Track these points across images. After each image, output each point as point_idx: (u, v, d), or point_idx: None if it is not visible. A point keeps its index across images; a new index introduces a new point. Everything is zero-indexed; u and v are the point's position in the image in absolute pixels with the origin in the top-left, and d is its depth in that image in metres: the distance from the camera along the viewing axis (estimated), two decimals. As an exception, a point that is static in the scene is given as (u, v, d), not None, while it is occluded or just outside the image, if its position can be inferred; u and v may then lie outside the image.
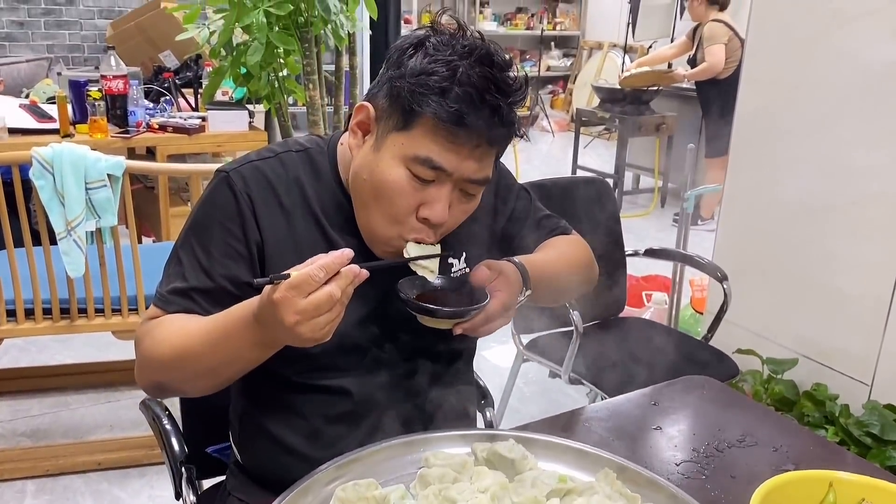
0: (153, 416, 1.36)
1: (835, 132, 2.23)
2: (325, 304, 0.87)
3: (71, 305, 2.14)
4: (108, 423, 2.56)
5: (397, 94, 0.99)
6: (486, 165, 1.02)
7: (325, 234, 1.10)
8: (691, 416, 1.20)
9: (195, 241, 1.08)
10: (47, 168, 1.96)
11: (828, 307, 2.28)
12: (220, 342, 0.98)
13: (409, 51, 1.01)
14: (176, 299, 1.06)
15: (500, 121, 0.98)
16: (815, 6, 2.23)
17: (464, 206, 1.06)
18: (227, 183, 1.08)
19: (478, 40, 1.00)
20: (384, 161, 1.01)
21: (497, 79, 0.97)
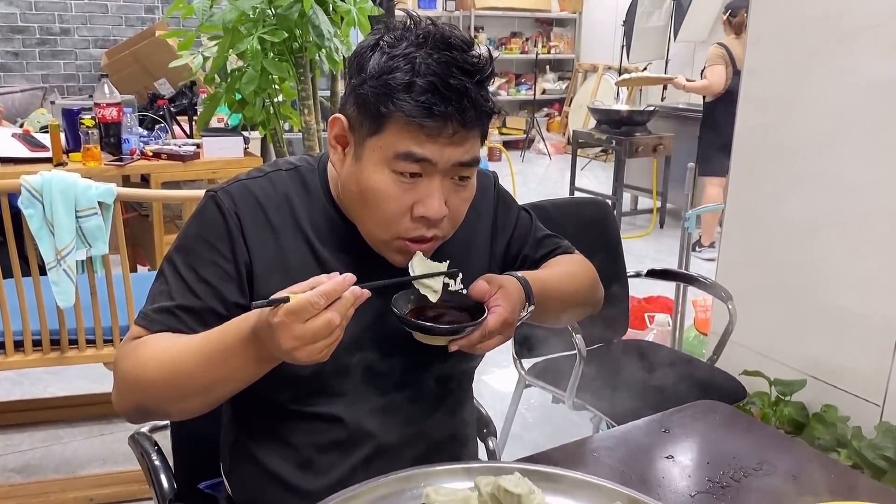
0: (142, 451, 1.31)
1: (836, 148, 2.20)
2: (323, 331, 0.85)
3: (62, 337, 2.09)
4: (101, 457, 2.50)
5: (364, 100, 0.97)
6: (470, 147, 0.99)
7: (315, 253, 1.07)
8: (704, 443, 1.15)
9: (182, 261, 1.05)
10: (37, 196, 1.92)
11: (835, 326, 2.24)
12: (217, 359, 0.94)
13: (367, 54, 0.98)
14: (160, 317, 1.03)
15: (469, 102, 0.95)
16: (814, 22, 2.21)
17: (460, 193, 1.03)
18: (216, 202, 1.05)
19: (430, 26, 0.98)
20: (367, 169, 0.99)
21: (458, 60, 0.95)
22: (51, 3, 5.49)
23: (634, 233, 5.43)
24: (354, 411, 1.09)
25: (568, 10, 8.91)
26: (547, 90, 9.10)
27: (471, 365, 1.22)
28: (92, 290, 2.06)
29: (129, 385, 1.00)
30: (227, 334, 0.93)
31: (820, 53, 2.21)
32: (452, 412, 1.20)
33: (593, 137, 5.69)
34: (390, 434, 1.11)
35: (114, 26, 5.70)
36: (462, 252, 1.14)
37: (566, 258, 1.27)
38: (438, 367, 1.13)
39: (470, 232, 1.17)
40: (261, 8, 2.94)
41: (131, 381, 1.00)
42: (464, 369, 1.20)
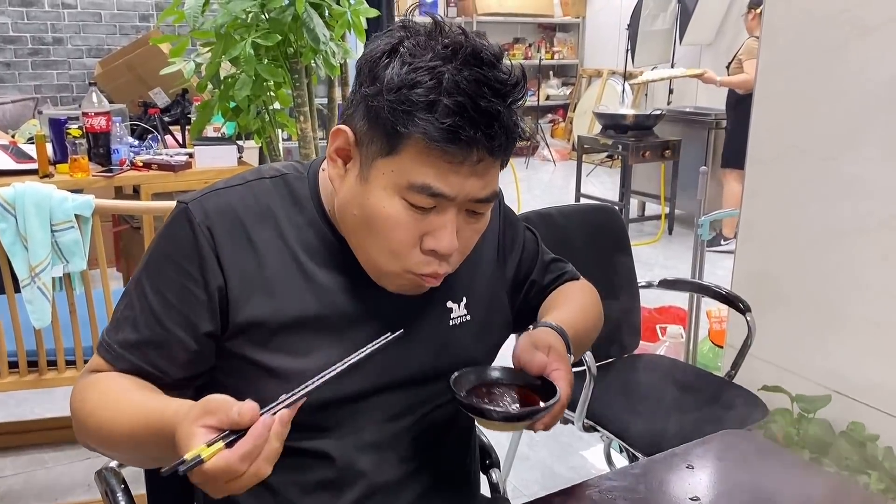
0: (107, 488, 1.19)
1: (859, 149, 2.07)
2: (254, 481, 0.75)
3: (39, 358, 1.98)
4: (87, 481, 2.38)
5: (377, 114, 0.84)
6: (491, 180, 0.88)
7: (303, 271, 0.95)
8: (735, 481, 1.02)
9: (149, 284, 0.94)
10: (9, 210, 1.81)
11: (860, 338, 2.11)
12: (148, 442, 0.84)
13: (382, 60, 0.85)
14: (125, 354, 0.93)
15: (500, 128, 0.83)
16: (832, 16, 2.09)
17: (473, 226, 0.92)
18: (186, 216, 0.93)
19: (460, 36, 0.85)
20: (375, 193, 0.87)
21: (490, 79, 0.82)
22: (43, 13, 5.40)
23: (643, 239, 5.31)
24: (344, 447, 0.98)
25: (571, 15, 8.81)
26: (551, 96, 8.99)
27: None
28: (71, 308, 1.95)
29: (78, 427, 0.94)
30: (161, 421, 0.81)
31: (839, 49, 2.09)
32: (453, 446, 1.09)
33: (599, 143, 5.57)
34: (384, 473, 1.00)
35: (108, 35, 5.61)
36: (468, 274, 1.04)
37: (576, 289, 1.19)
38: (437, 397, 1.02)
39: (475, 253, 1.06)
40: (254, 12, 2.84)
41: (79, 425, 0.94)
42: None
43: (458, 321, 1.04)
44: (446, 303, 1.03)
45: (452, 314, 1.04)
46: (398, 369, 0.98)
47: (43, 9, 5.39)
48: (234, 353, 0.94)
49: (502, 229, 1.13)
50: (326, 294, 0.95)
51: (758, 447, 1.11)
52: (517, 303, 1.17)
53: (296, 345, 0.93)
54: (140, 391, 0.90)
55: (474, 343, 1.05)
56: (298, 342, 0.94)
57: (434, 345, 1.01)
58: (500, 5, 8.38)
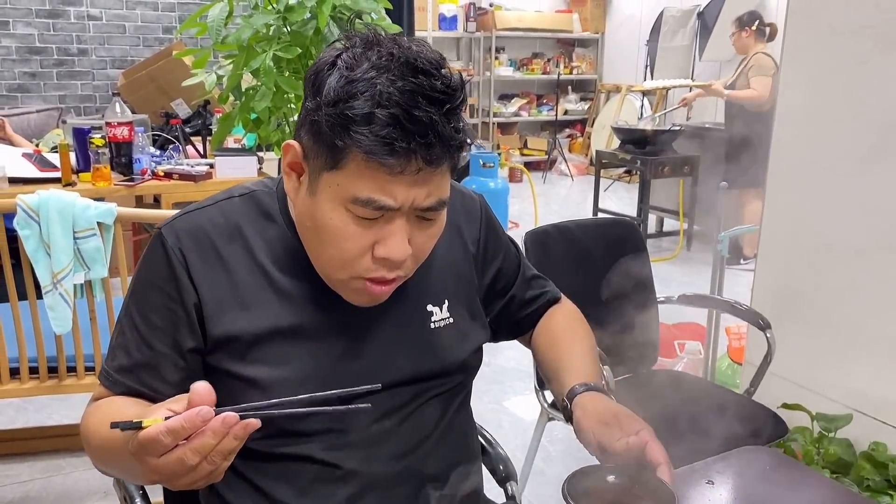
0: (125, 494, 1.20)
1: (883, 166, 2.05)
2: (178, 467, 0.75)
3: (59, 364, 2.00)
4: (103, 489, 2.39)
5: (318, 128, 0.85)
6: (437, 187, 0.88)
7: (273, 284, 0.97)
8: (755, 497, 1.01)
9: (135, 309, 0.98)
10: (33, 216, 1.83)
11: (882, 357, 2.08)
12: (120, 461, 0.88)
13: (323, 73, 0.86)
14: (121, 379, 0.98)
15: (436, 137, 0.83)
16: (855, 32, 2.08)
17: (426, 231, 0.92)
18: (160, 240, 0.97)
19: (394, 47, 0.85)
20: (322, 206, 0.88)
21: (424, 87, 0.82)
22: (69, 24, 5.49)
23: (661, 256, 5.28)
24: (329, 449, 0.99)
25: (590, 31, 8.82)
26: (569, 111, 8.99)
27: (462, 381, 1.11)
28: (91, 315, 1.96)
29: (87, 450, 0.99)
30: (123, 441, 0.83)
31: (863, 65, 2.07)
32: (448, 439, 1.08)
33: (617, 158, 5.56)
34: (374, 468, 1.00)
35: (131, 47, 5.68)
36: (448, 278, 1.07)
37: (570, 322, 1.23)
38: (423, 396, 1.04)
39: (455, 257, 1.10)
40: (276, 25, 2.87)
41: (86, 448, 0.98)
42: (453, 388, 1.09)
43: (441, 324, 1.06)
44: (426, 306, 1.05)
45: (434, 317, 1.05)
46: (380, 373, 0.98)
47: (69, 20, 5.48)
48: (215, 367, 0.97)
49: (484, 236, 1.15)
50: (300, 304, 0.97)
51: (778, 463, 1.10)
52: (494, 312, 1.19)
53: (273, 355, 0.96)
54: (130, 408, 0.93)
55: (458, 345, 1.07)
56: (275, 353, 0.96)
57: (417, 348, 1.03)
58: (520, 21, 8.41)
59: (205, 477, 0.77)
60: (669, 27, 7.49)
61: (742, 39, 4.89)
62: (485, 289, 1.16)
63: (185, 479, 0.76)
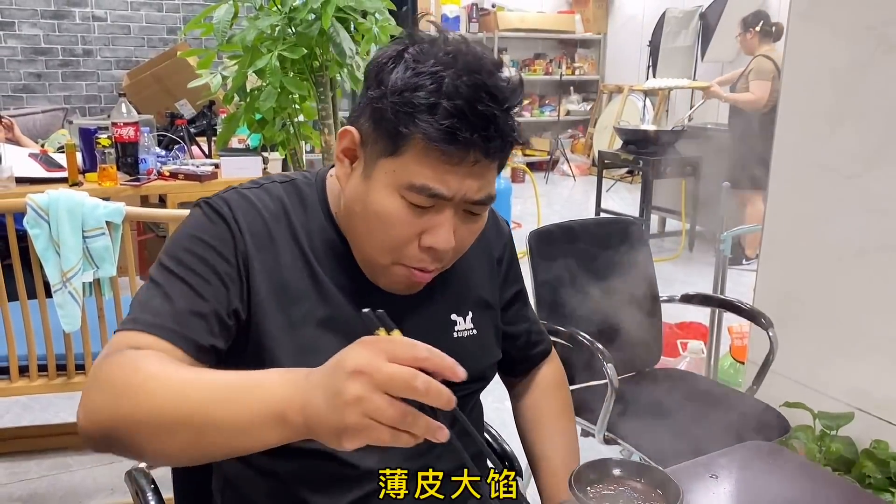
0: (137, 488, 1.21)
1: (883, 167, 2.07)
2: (400, 379, 0.67)
3: (68, 361, 2.01)
4: (110, 486, 2.41)
5: (381, 115, 0.88)
6: (487, 182, 0.91)
7: (312, 272, 0.98)
8: (761, 493, 1.03)
9: (175, 264, 0.93)
10: (42, 216, 1.85)
11: (884, 356, 2.09)
12: (243, 390, 0.74)
13: (388, 65, 0.89)
14: (158, 321, 0.87)
15: (496, 131, 0.86)
16: (857, 33, 2.09)
17: (470, 227, 0.95)
18: (211, 207, 0.96)
19: (461, 44, 0.89)
20: (376, 191, 0.90)
21: (488, 85, 0.86)
22: (74, 25, 5.52)
23: (663, 256, 5.29)
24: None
25: (592, 32, 8.83)
26: (571, 111, 9.01)
27: (478, 389, 1.13)
28: (100, 314, 1.98)
29: (113, 398, 0.79)
30: (257, 374, 0.75)
31: (864, 66, 2.09)
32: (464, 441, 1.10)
33: (620, 158, 5.57)
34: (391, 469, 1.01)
35: (136, 47, 5.71)
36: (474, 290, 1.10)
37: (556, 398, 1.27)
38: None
39: (481, 273, 1.12)
40: (280, 26, 2.89)
41: (118, 394, 0.79)
42: (469, 395, 1.11)
43: (465, 334, 1.07)
44: (450, 315, 1.06)
45: (457, 327, 1.07)
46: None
47: (74, 21, 5.51)
48: (245, 341, 0.96)
49: (508, 258, 1.17)
50: (334, 296, 0.98)
51: (781, 458, 1.11)
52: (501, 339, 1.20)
53: (304, 341, 0.96)
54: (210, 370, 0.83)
55: (479, 357, 1.09)
56: (307, 339, 0.96)
57: None
58: (522, 21, 8.42)
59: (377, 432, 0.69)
60: (671, 28, 7.50)
61: (747, 40, 4.91)
62: (500, 311, 1.17)
63: (388, 390, 0.67)
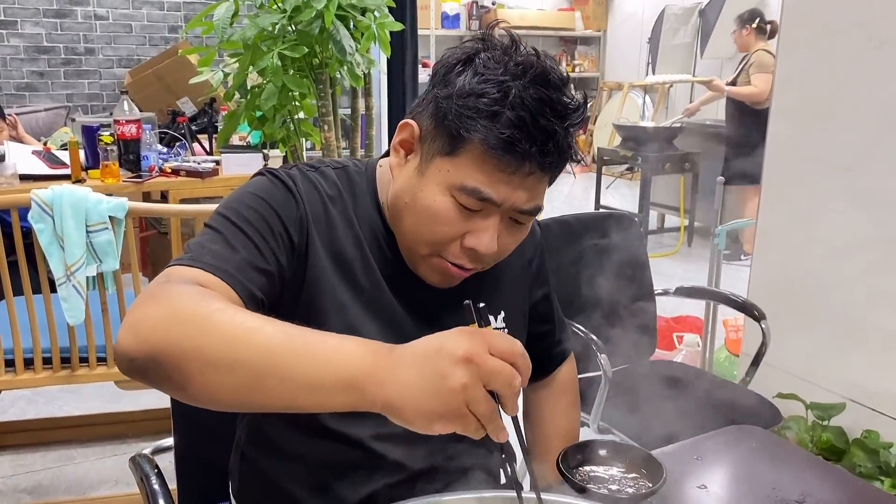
0: (141, 474, 1.25)
1: (875, 161, 2.10)
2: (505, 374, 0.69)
3: (72, 354, 2.05)
4: (114, 477, 2.44)
5: (444, 115, 0.91)
6: (537, 194, 0.94)
7: (361, 252, 1.01)
8: (741, 472, 1.06)
9: (236, 216, 0.93)
10: (47, 211, 1.88)
11: (876, 348, 2.13)
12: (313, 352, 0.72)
13: (457, 67, 0.92)
14: (227, 268, 0.86)
15: (555, 146, 0.88)
16: (848, 29, 2.12)
17: (514, 235, 0.98)
18: (279, 177, 0.98)
19: (532, 57, 0.91)
20: (428, 187, 0.93)
21: (553, 100, 0.88)
22: (76, 24, 5.55)
23: (662, 251, 5.32)
24: (378, 436, 1.02)
25: (592, 29, 8.86)
26: (571, 109, 9.03)
27: None
28: (103, 307, 2.02)
29: (175, 321, 0.75)
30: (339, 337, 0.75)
31: (855, 62, 2.12)
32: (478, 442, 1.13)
33: (619, 154, 5.60)
34: (414, 462, 1.04)
35: (137, 46, 5.74)
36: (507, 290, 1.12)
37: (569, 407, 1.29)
38: None
39: (514, 274, 1.14)
40: (281, 24, 2.92)
41: (181, 319, 0.75)
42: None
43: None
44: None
45: (490, 326, 1.08)
46: None
47: (76, 20, 5.54)
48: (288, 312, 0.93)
49: (539, 260, 1.20)
50: (378, 282, 1.01)
51: (765, 441, 1.15)
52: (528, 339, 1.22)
53: (347, 320, 0.98)
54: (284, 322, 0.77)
55: None
56: (349, 319, 0.98)
57: None
58: (522, 19, 8.45)
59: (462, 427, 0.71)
60: (671, 25, 7.52)
61: (743, 37, 4.94)
62: (529, 311, 1.19)
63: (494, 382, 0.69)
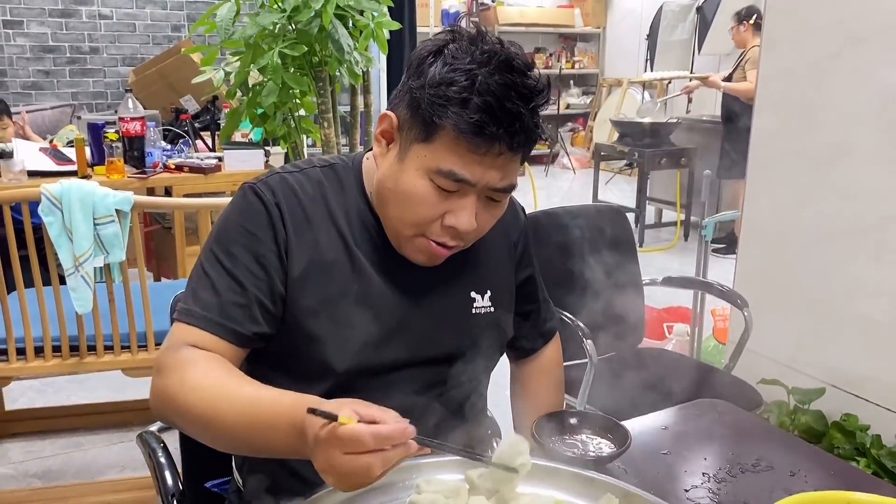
0: (149, 449, 1.33)
1: (853, 153, 2.17)
2: (360, 472, 0.78)
3: (80, 343, 2.13)
4: (120, 463, 2.53)
5: (418, 104, 0.98)
6: (510, 172, 1.01)
7: (348, 248, 1.08)
8: (704, 440, 1.14)
9: (224, 253, 1.03)
10: (56, 204, 1.97)
11: (856, 335, 2.20)
12: (258, 427, 0.88)
13: (428, 58, 0.99)
14: (207, 315, 1.00)
15: (521, 128, 0.96)
16: (827, 27, 2.19)
17: (491, 212, 1.05)
18: (255, 193, 1.06)
19: (497, 45, 0.98)
20: (408, 172, 1.00)
21: (517, 84, 0.95)
22: (81, 23, 5.64)
23: (659, 245, 5.39)
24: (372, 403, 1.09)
25: (592, 26, 8.92)
26: (571, 105, 9.10)
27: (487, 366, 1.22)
28: (110, 297, 2.10)
29: (168, 398, 0.96)
30: (277, 410, 0.87)
31: (835, 58, 2.19)
32: (470, 422, 1.20)
33: (616, 150, 5.68)
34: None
35: (141, 45, 5.83)
36: (493, 270, 1.18)
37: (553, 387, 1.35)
38: (458, 377, 1.14)
39: (500, 256, 1.21)
40: (281, 23, 2.99)
41: (171, 398, 0.96)
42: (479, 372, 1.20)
43: (482, 311, 1.16)
44: (470, 292, 1.15)
45: (475, 304, 1.16)
46: (426, 347, 1.10)
47: (81, 20, 5.63)
48: (284, 319, 1.05)
49: (524, 241, 1.26)
50: (367, 272, 1.08)
51: (730, 414, 1.22)
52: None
53: (340, 316, 1.05)
54: (250, 383, 0.95)
55: (493, 334, 1.18)
56: (342, 314, 1.05)
57: (457, 328, 1.14)
58: (522, 16, 8.52)
59: (362, 485, 0.79)
60: (669, 22, 7.59)
61: (740, 34, 5.01)
62: (515, 291, 1.25)
63: (354, 482, 0.78)
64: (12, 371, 2.12)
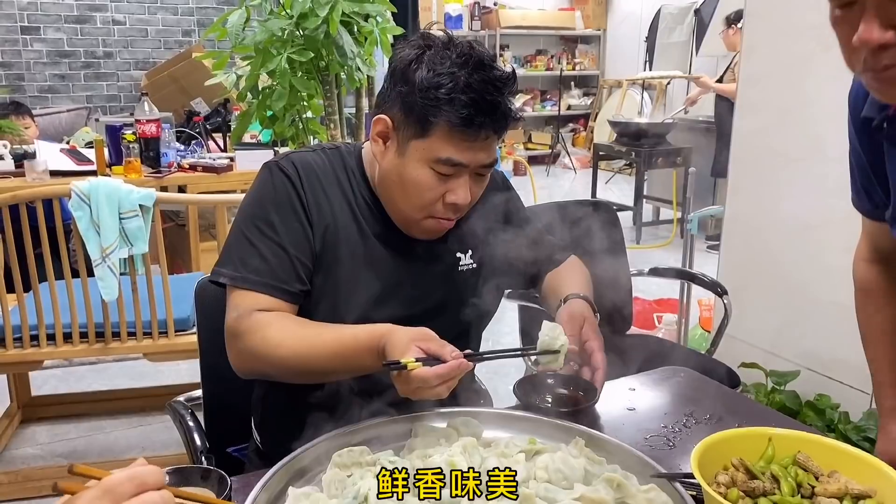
0: (179, 416, 1.49)
1: (826, 151, 2.31)
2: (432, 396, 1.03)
3: (105, 329, 2.29)
4: (141, 445, 2.69)
5: (411, 107, 1.16)
6: (492, 151, 1.20)
7: (356, 219, 1.26)
8: (665, 399, 1.30)
9: (264, 224, 1.21)
10: (84, 200, 2.13)
11: (829, 319, 2.34)
12: (347, 357, 1.12)
13: (411, 66, 1.16)
14: (263, 279, 1.18)
15: (501, 114, 1.15)
16: (801, 32, 2.34)
17: (479, 184, 1.24)
18: (280, 169, 1.24)
19: (467, 47, 1.17)
20: (410, 164, 1.18)
21: (492, 78, 1.14)
22: (95, 29, 5.83)
23: (656, 242, 5.54)
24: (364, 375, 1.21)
25: (592, 28, 9.07)
26: (572, 106, 9.24)
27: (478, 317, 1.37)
28: (133, 286, 2.26)
29: (255, 357, 1.17)
30: (359, 345, 1.10)
31: (809, 62, 2.33)
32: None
33: (614, 150, 5.82)
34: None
35: (153, 49, 6.01)
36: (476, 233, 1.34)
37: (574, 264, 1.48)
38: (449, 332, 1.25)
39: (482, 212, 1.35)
40: (289, 29, 3.14)
41: (260, 356, 1.16)
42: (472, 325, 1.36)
43: (466, 268, 1.34)
44: (456, 253, 1.33)
45: (461, 262, 1.34)
46: (421, 301, 1.28)
47: (95, 25, 5.82)
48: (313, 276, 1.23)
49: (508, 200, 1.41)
50: (372, 240, 1.26)
51: (693, 378, 1.38)
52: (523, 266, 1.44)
53: (351, 275, 1.24)
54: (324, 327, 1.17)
55: (480, 286, 1.35)
56: (353, 274, 1.24)
57: (446, 284, 1.32)
58: (524, 19, 8.67)
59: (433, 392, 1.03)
60: (667, 24, 7.73)
61: (730, 37, 5.14)
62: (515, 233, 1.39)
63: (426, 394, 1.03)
64: (43, 355, 2.29)
